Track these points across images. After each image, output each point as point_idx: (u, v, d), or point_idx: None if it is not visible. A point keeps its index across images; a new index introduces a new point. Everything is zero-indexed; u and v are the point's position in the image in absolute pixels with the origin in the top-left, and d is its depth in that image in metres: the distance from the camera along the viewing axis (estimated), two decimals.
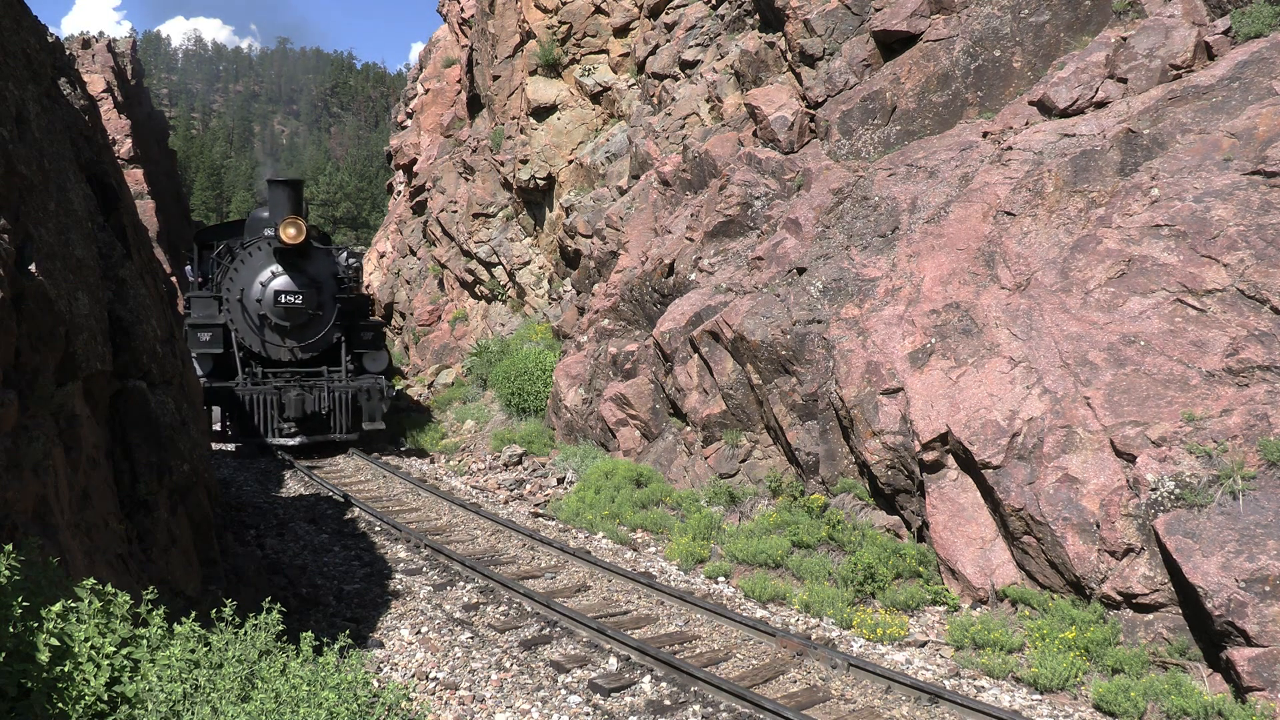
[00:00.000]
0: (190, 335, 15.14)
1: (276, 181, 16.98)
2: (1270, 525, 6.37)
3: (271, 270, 16.11)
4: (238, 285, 16.08)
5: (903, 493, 9.32)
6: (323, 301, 16.41)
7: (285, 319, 16.05)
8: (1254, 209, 7.99)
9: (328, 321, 16.52)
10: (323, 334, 16.46)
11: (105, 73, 64.19)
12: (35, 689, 2.76)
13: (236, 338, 15.90)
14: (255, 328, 16.01)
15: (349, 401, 15.60)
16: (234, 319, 15.96)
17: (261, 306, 15.95)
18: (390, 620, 7.78)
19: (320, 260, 16.72)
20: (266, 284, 16.03)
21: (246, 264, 16.17)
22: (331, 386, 15.62)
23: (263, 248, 16.21)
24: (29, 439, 4.30)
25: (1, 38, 5.16)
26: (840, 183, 12.14)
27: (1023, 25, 11.72)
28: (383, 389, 15.93)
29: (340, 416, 15.49)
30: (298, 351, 16.30)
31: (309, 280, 16.26)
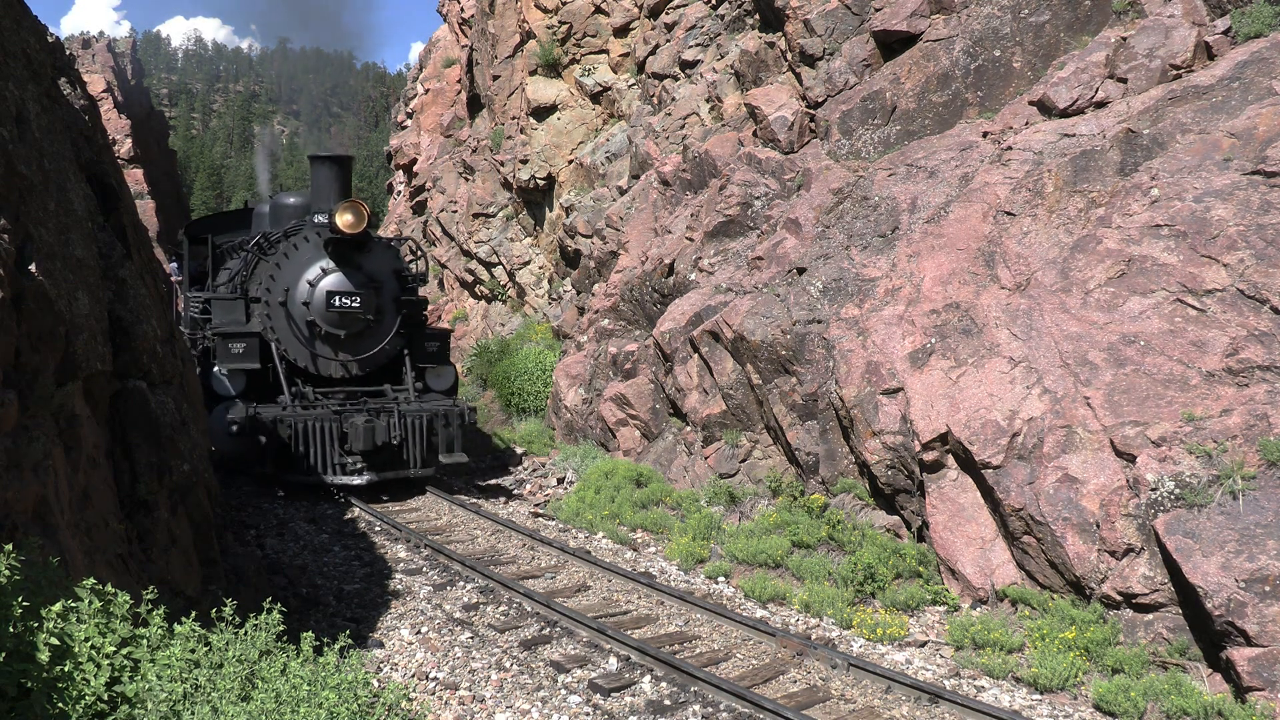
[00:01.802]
0: (219, 346, 12.10)
1: (322, 158, 13.66)
2: (1270, 525, 6.37)
3: (321, 266, 12.55)
4: (280, 285, 12.51)
5: (903, 493, 9.32)
6: (383, 305, 12.88)
7: (338, 326, 12.55)
8: (1254, 209, 7.99)
9: (389, 330, 12.95)
10: (383, 345, 12.95)
11: (105, 73, 64.26)
12: (35, 689, 2.76)
13: (278, 349, 12.35)
14: (303, 338, 12.56)
15: (424, 429, 12.24)
16: (274, 326, 12.48)
17: (310, 311, 12.45)
18: (390, 620, 7.78)
19: (380, 254, 13.11)
20: (316, 283, 12.46)
21: (292, 258, 12.64)
22: (403, 410, 12.18)
23: (310, 239, 12.66)
24: (29, 439, 4.30)
25: (2, 38, 5.16)
26: (840, 183, 12.14)
27: (1023, 25, 11.72)
28: (464, 413, 12.62)
29: (414, 448, 12.10)
30: (352, 366, 12.85)
31: (367, 279, 12.70)
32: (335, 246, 12.59)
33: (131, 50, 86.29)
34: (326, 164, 13.50)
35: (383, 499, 12.12)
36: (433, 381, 13.45)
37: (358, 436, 11.70)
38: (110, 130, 48.25)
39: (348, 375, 12.87)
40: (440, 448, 12.36)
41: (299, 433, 11.54)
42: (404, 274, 13.34)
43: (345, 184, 13.43)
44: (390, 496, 12.29)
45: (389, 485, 12.30)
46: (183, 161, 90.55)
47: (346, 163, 13.80)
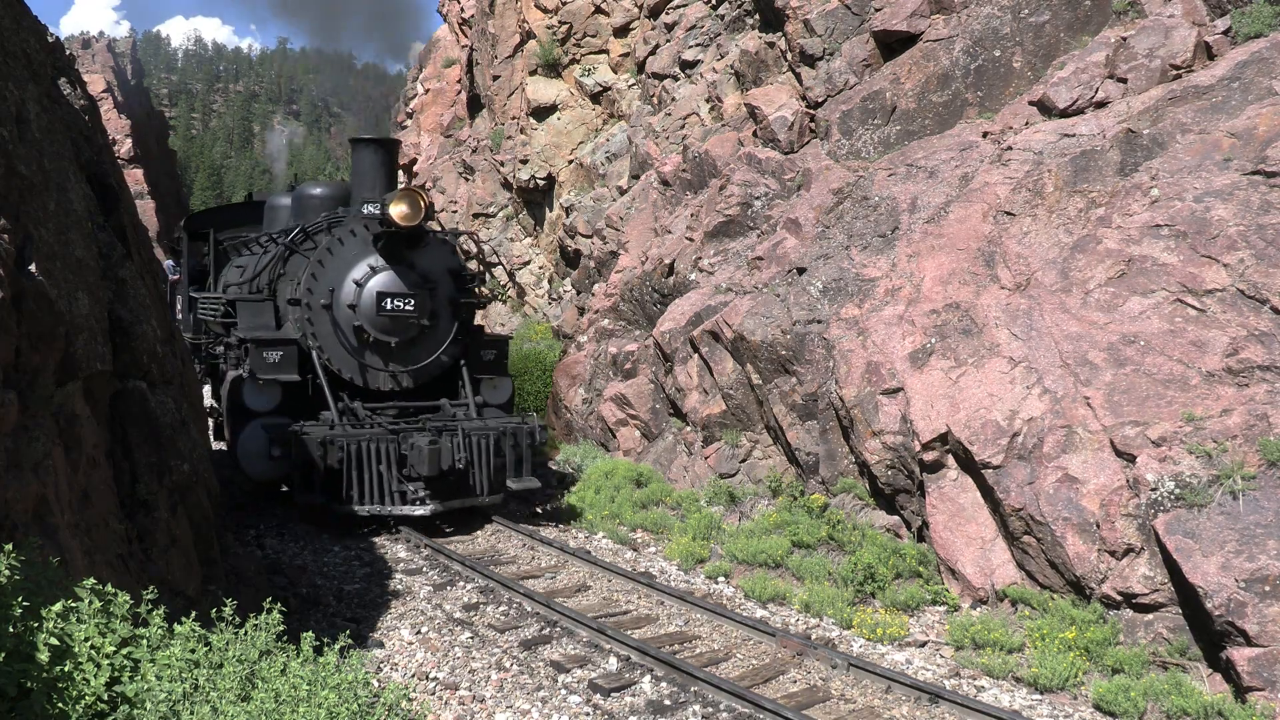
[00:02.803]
0: (253, 355, 10.46)
1: (365, 141, 12.00)
2: (1270, 525, 6.37)
3: (369, 264, 10.86)
4: (323, 285, 10.82)
5: (903, 493, 9.32)
6: (437, 308, 11.19)
7: (389, 332, 10.90)
8: (1254, 209, 7.99)
9: (444, 336, 11.28)
10: (439, 354, 11.26)
11: (105, 73, 64.34)
12: (35, 689, 2.76)
13: (321, 359, 10.73)
14: (350, 346, 10.87)
15: (491, 450, 10.55)
16: (317, 332, 10.76)
17: (356, 315, 10.75)
18: (390, 620, 7.78)
19: (435, 250, 11.41)
20: (363, 283, 10.77)
21: (336, 255, 10.88)
22: (467, 429, 10.48)
23: (357, 232, 10.94)
24: (29, 439, 4.30)
25: (2, 38, 5.16)
26: (840, 183, 12.14)
27: (1023, 25, 11.72)
28: (534, 431, 10.90)
29: (481, 471, 10.45)
30: (403, 378, 11.15)
31: (420, 278, 11.04)
32: (386, 242, 10.87)
33: (131, 50, 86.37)
34: (370, 148, 11.82)
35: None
36: (489, 395, 11.71)
37: (421, 460, 9.93)
38: (110, 130, 48.25)
39: (397, 388, 11.16)
40: (509, 471, 10.68)
41: (352, 456, 9.81)
42: (461, 273, 11.59)
43: (391, 170, 11.83)
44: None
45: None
46: (183, 161, 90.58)
47: (393, 147, 12.15)
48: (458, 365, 11.57)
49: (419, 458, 9.97)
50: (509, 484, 10.71)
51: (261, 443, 10.05)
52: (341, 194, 12.79)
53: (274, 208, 14.53)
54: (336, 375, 10.86)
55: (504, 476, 10.66)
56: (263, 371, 10.48)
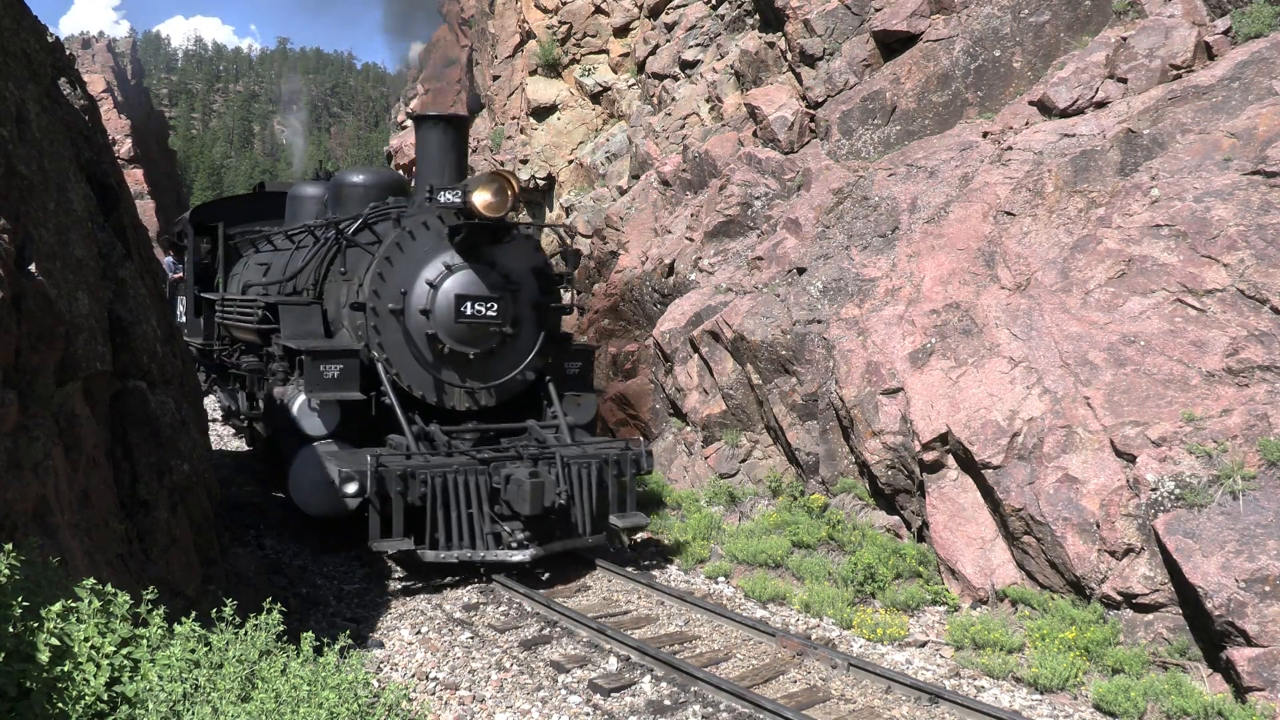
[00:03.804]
0: (308, 368, 8.74)
1: (432, 118, 10.01)
2: (1270, 525, 6.37)
3: (444, 262, 9.16)
4: (392, 286, 9.07)
5: (903, 493, 9.32)
6: (520, 314, 9.51)
7: (467, 342, 9.20)
8: (1254, 209, 7.99)
9: (528, 346, 9.62)
10: (523, 367, 9.59)
11: (105, 73, 64.37)
12: (35, 689, 2.76)
13: (389, 375, 9.02)
14: (424, 359, 9.19)
15: (594, 482, 8.91)
16: (384, 342, 9.06)
17: (431, 322, 9.08)
18: (390, 620, 7.78)
19: (519, 246, 9.72)
20: (438, 284, 9.08)
21: (407, 251, 9.18)
22: (566, 457, 8.82)
23: (430, 225, 9.26)
24: (29, 439, 4.30)
25: (1, 38, 5.16)
26: (840, 183, 12.14)
27: (1023, 25, 11.72)
28: (639, 458, 9.28)
29: (584, 507, 8.79)
30: (481, 396, 9.47)
31: (502, 279, 9.36)
32: (467, 235, 9.17)
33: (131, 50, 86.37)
34: (439, 127, 9.82)
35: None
36: (573, 414, 9.99)
37: (522, 496, 8.21)
38: (110, 130, 48.27)
39: (474, 407, 9.46)
40: (612, 505, 9.08)
41: (437, 491, 8.21)
42: (546, 272, 9.88)
43: (463, 153, 9.96)
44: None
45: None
46: (183, 161, 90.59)
47: (463, 125, 10.13)
48: (543, 381, 9.87)
49: (518, 493, 8.27)
50: (611, 520, 9.06)
51: (318, 472, 8.49)
52: (387, 182, 11.48)
53: (299, 198, 13.04)
54: (406, 393, 9.10)
55: (606, 511, 9.09)
56: (320, 389, 8.73)
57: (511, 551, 8.40)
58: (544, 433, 9.50)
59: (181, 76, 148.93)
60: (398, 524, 8.14)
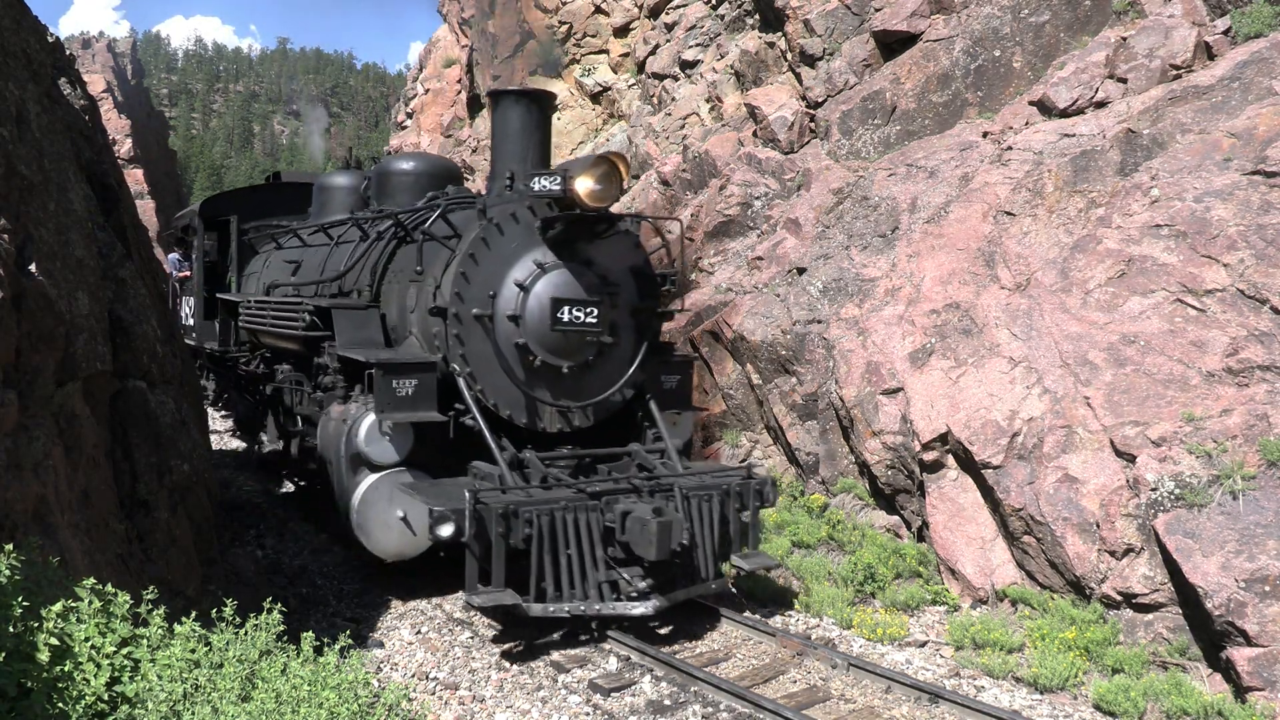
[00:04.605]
0: (378, 383, 7.47)
1: (511, 94, 8.55)
2: (1270, 525, 6.37)
3: (535, 260, 7.84)
4: (478, 288, 7.71)
5: (903, 493, 9.32)
6: (618, 320, 8.17)
7: (561, 353, 7.87)
8: (1254, 209, 7.99)
9: (628, 358, 8.30)
10: (624, 382, 8.25)
11: (105, 73, 64.38)
12: (35, 689, 2.76)
13: (473, 391, 7.68)
14: (513, 373, 7.84)
15: (716, 517, 7.63)
16: (467, 354, 7.69)
17: (521, 330, 7.75)
18: (390, 620, 7.78)
19: (619, 243, 8.33)
20: (528, 286, 7.76)
21: (494, 247, 7.80)
22: (684, 488, 7.51)
23: (520, 217, 7.87)
24: (29, 439, 4.30)
25: (1, 38, 5.16)
26: (840, 183, 12.15)
27: (1023, 25, 11.72)
28: (764, 487, 7.94)
29: (706, 547, 7.54)
30: (574, 415, 8.16)
31: (600, 280, 8.03)
32: (564, 229, 7.81)
33: (131, 50, 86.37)
34: (522, 104, 8.39)
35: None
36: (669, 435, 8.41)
37: (648, 538, 6.81)
38: (110, 130, 48.29)
39: (567, 428, 8.09)
40: (733, 543, 7.81)
41: (544, 532, 6.82)
42: (646, 272, 8.44)
43: (546, 135, 8.66)
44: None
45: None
46: (183, 161, 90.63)
47: (548, 103, 8.73)
48: (644, 398, 8.49)
49: (642, 535, 6.86)
50: (734, 562, 7.78)
51: (389, 507, 7.35)
52: (440, 170, 10.32)
53: (329, 189, 11.85)
54: (491, 412, 7.73)
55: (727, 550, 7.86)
56: (393, 409, 7.44)
57: (631, 603, 7.04)
58: (650, 458, 8.11)
59: (181, 76, 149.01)
60: (498, 572, 6.71)
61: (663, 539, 6.84)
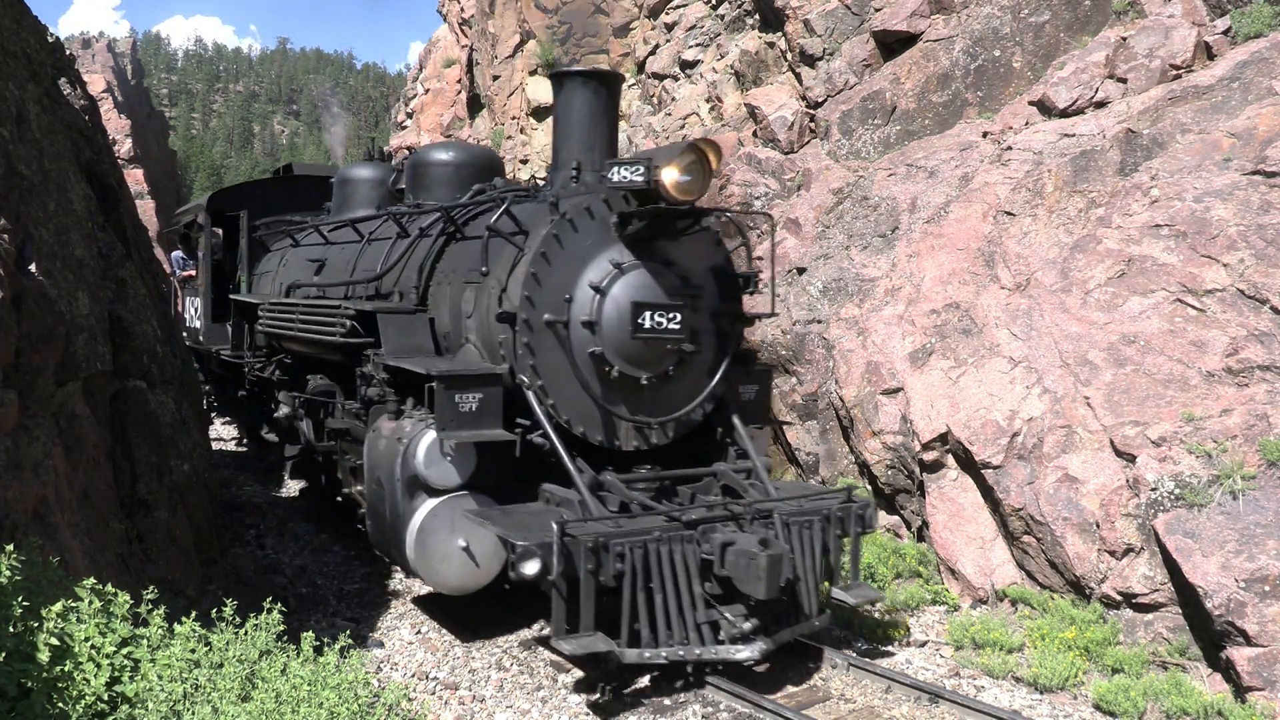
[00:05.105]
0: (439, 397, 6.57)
1: (576, 74, 7.62)
2: (1270, 525, 6.38)
3: (611, 260, 6.96)
4: (551, 291, 6.84)
5: (903, 493, 9.32)
6: (699, 326, 7.30)
7: (641, 364, 7.00)
8: (1254, 209, 7.99)
9: (710, 369, 7.44)
10: (706, 394, 7.39)
11: (105, 73, 64.37)
12: (35, 689, 2.76)
13: (544, 406, 6.79)
14: (589, 385, 6.97)
15: (819, 546, 6.83)
16: (539, 364, 6.80)
17: (597, 337, 6.88)
18: (390, 620, 7.78)
19: (700, 240, 7.44)
20: (604, 288, 6.88)
21: (567, 245, 6.90)
22: (784, 515, 6.68)
23: (595, 212, 6.99)
24: (29, 439, 4.30)
25: (1, 38, 5.16)
26: (840, 183, 12.15)
27: (1023, 25, 11.72)
28: (865, 510, 7.12)
29: (810, 580, 6.74)
30: (652, 433, 7.29)
31: (680, 282, 7.16)
32: (646, 225, 6.98)
33: (131, 50, 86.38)
34: (589, 86, 7.54)
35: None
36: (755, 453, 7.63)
37: (755, 573, 6.00)
38: (110, 130, 48.28)
39: (644, 446, 7.27)
40: (835, 575, 7.11)
41: (637, 568, 6.02)
42: (727, 273, 7.61)
43: (614, 121, 7.85)
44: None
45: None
46: (183, 161, 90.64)
47: (616, 84, 7.85)
48: (720, 410, 7.67)
49: (748, 570, 6.05)
50: (836, 595, 7.04)
51: (451, 537, 6.59)
52: (483, 161, 9.47)
53: (352, 181, 11.08)
54: (564, 430, 6.90)
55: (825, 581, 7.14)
56: (456, 426, 6.60)
57: (735, 647, 6.27)
58: (737, 479, 7.26)
59: (181, 76, 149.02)
60: (588, 614, 5.89)
61: (773, 574, 6.04)
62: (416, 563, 6.68)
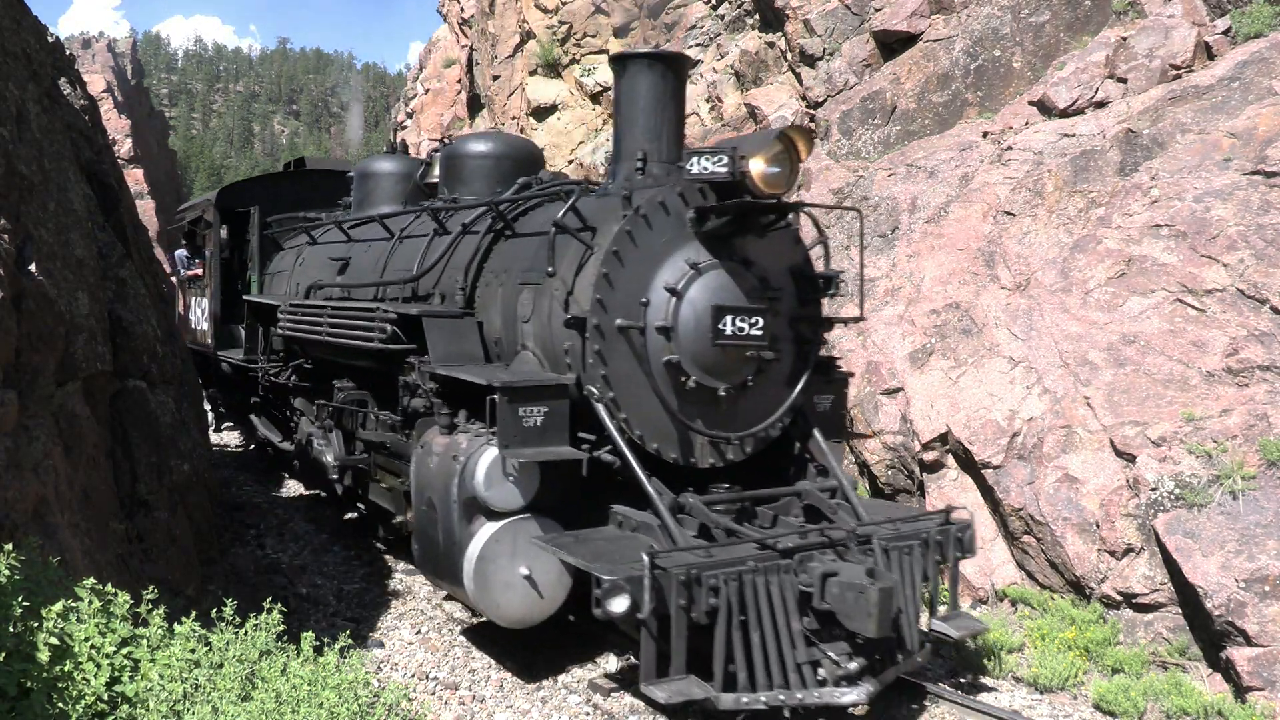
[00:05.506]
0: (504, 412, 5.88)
1: (640, 57, 6.88)
2: (1270, 525, 6.38)
3: (687, 260, 6.28)
4: (625, 293, 6.15)
5: (903, 493, 9.32)
6: (778, 332, 6.57)
7: (719, 374, 6.35)
8: (1254, 209, 7.99)
9: (787, 378, 6.78)
10: (786, 406, 6.75)
11: (105, 73, 64.41)
12: (35, 689, 2.76)
13: (616, 421, 6.10)
14: (664, 397, 6.30)
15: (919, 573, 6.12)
16: (610, 374, 6.13)
17: (673, 345, 6.20)
18: (390, 620, 7.78)
19: (779, 238, 6.72)
20: (681, 291, 6.20)
21: (641, 243, 6.20)
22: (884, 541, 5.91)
23: (669, 206, 6.29)
24: (29, 439, 4.30)
25: (1, 38, 5.16)
26: (840, 182, 12.15)
27: (1023, 25, 11.73)
28: (965, 533, 6.41)
29: (911, 612, 5.87)
30: (728, 449, 6.59)
31: (759, 283, 6.49)
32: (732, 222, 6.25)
33: (131, 50, 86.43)
34: (656, 70, 6.77)
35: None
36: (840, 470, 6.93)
37: (865, 609, 5.31)
38: (110, 130, 48.30)
39: (719, 463, 6.57)
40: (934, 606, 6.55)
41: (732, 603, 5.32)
42: (806, 274, 6.93)
43: (682, 108, 7.04)
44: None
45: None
46: (183, 161, 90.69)
47: (684, 68, 7.05)
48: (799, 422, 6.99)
49: (856, 605, 5.37)
50: (936, 627, 6.27)
51: (507, 565, 5.96)
52: (523, 154, 8.84)
53: (374, 176, 10.51)
54: (639, 445, 6.22)
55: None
56: (518, 441, 5.95)
57: (840, 689, 5.58)
58: (823, 499, 6.56)
59: (181, 76, 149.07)
60: (679, 656, 5.22)
61: (884, 610, 5.31)
62: (475, 594, 6.01)
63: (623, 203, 6.28)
